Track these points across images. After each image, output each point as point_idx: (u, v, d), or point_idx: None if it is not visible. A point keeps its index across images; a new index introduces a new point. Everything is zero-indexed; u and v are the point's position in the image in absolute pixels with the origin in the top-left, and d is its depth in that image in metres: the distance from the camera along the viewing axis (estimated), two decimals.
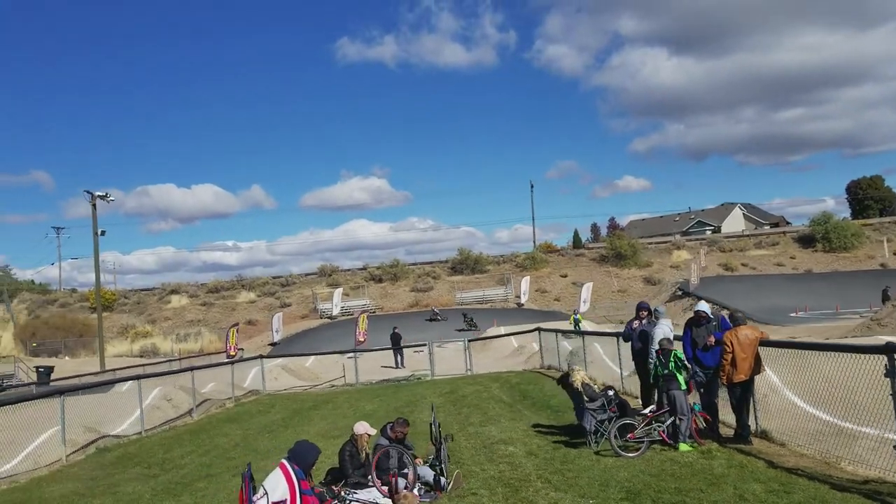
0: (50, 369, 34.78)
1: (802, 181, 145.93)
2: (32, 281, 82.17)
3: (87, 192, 40.17)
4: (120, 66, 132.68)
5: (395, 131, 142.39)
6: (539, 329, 21.45)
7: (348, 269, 63.66)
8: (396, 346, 29.01)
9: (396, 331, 30.90)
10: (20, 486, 9.54)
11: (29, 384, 31.83)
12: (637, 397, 11.29)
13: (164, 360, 41.24)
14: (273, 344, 40.66)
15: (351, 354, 32.06)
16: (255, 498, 5.83)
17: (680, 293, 43.88)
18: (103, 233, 40.89)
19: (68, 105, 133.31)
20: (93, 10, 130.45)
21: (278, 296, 59.31)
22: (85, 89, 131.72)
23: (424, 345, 30.70)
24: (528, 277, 50.75)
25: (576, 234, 67.17)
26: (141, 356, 49.84)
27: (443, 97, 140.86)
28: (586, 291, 43.98)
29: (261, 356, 23.32)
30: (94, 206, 40.37)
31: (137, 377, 11.28)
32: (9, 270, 76.88)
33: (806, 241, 58.06)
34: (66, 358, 47.23)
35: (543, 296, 55.24)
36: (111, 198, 41.06)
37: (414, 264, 62.24)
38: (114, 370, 35.32)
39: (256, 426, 14.10)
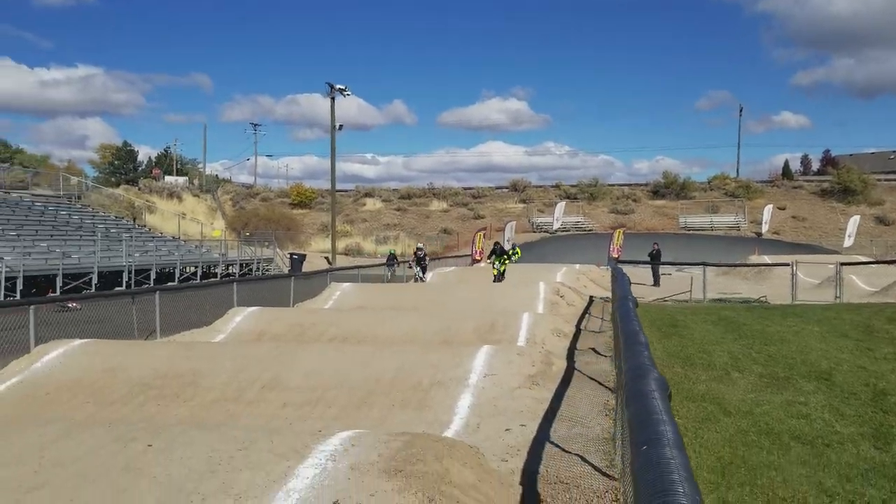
0: (303, 257, 35.24)
1: None
2: (216, 176, 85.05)
3: (328, 83, 39.60)
4: None
5: (540, 52, 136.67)
6: None
7: (540, 186, 61.59)
8: (657, 262, 26.82)
9: (657, 247, 28.80)
10: None
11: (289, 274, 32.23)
12: None
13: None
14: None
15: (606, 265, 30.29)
16: None
17: None
18: (340, 127, 40.43)
19: (226, 12, 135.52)
20: None
21: (471, 207, 58.22)
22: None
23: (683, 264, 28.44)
24: (771, 206, 47.01)
25: (786, 165, 61.99)
26: (346, 254, 50.32)
27: (593, 20, 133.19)
28: (852, 226, 40.05)
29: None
30: (332, 98, 39.90)
31: None
32: (196, 164, 79.49)
33: None
34: (278, 250, 48.05)
35: (760, 228, 51.49)
36: (348, 92, 40.32)
37: (612, 185, 59.43)
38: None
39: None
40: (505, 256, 23.06)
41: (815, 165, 73.35)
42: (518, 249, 34.49)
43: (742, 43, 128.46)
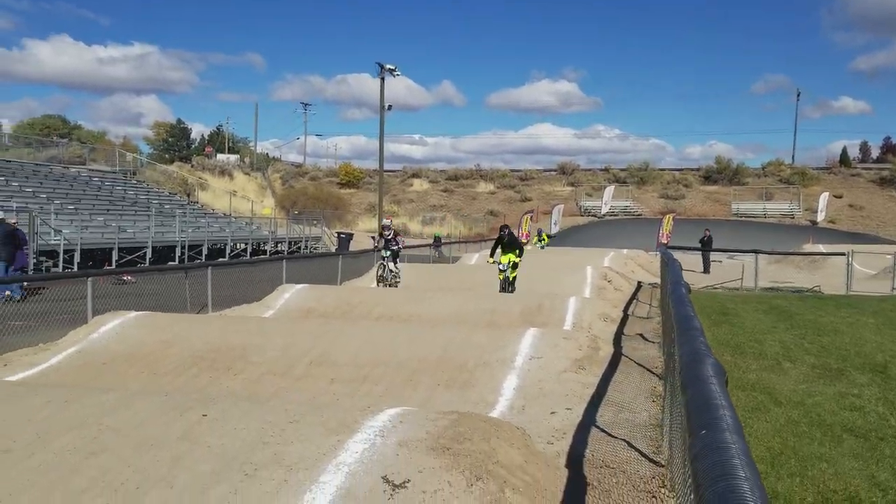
0: (350, 236, 35.56)
1: None
2: (266, 154, 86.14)
3: (378, 63, 39.56)
4: None
5: (592, 33, 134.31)
6: None
7: (588, 170, 60.89)
8: (708, 248, 26.27)
9: (708, 234, 28.21)
10: None
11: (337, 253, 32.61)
12: None
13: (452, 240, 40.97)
14: (549, 236, 39.19)
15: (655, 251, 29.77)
16: None
17: None
18: (390, 107, 40.46)
19: None
20: None
21: (518, 189, 57.93)
22: None
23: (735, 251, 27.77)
24: (827, 194, 45.76)
25: (844, 152, 59.96)
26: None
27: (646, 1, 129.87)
28: None
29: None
30: (382, 79, 39.84)
31: None
32: (247, 142, 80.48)
33: None
34: (325, 228, 48.55)
35: (815, 217, 50.19)
36: (398, 72, 40.27)
37: (663, 169, 58.47)
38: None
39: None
40: (518, 250, 14.89)
41: (875, 153, 70.94)
42: (546, 235, 33.55)
43: (800, 26, 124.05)
